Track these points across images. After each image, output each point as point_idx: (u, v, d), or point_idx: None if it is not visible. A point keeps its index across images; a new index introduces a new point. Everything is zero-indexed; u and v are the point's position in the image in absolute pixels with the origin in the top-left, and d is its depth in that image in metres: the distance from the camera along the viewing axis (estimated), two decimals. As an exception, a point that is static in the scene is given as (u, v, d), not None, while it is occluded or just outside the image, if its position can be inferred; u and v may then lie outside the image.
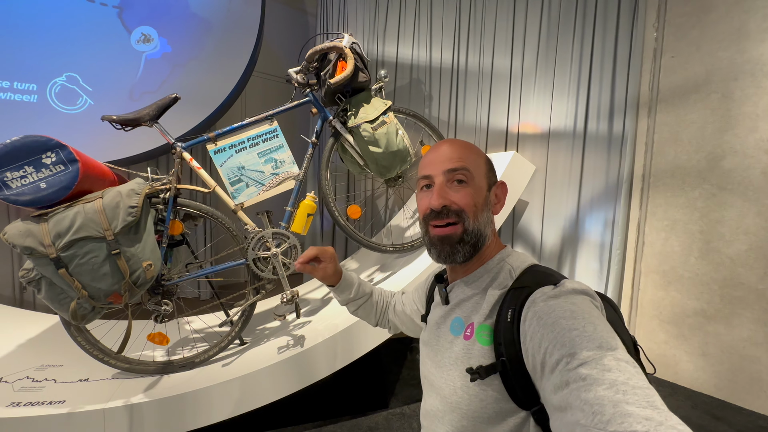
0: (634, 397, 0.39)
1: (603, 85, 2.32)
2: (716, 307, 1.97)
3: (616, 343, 0.46)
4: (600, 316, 0.51)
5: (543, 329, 0.50)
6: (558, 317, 0.50)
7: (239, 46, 2.36)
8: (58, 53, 1.99)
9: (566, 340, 0.47)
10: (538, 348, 0.50)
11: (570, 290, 0.55)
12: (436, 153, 0.70)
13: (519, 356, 0.55)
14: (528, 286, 0.59)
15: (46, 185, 1.20)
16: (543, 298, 0.55)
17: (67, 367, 1.58)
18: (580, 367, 0.43)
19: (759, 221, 1.82)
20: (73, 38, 2.04)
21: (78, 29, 2.05)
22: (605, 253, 2.33)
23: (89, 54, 2.06)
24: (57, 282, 1.22)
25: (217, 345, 1.62)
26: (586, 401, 0.41)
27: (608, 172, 2.32)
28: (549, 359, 0.48)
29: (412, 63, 3.08)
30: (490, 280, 0.66)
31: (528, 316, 0.55)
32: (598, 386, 0.41)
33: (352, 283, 0.95)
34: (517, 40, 2.69)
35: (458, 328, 0.66)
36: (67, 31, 2.03)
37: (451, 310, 0.70)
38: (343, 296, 0.95)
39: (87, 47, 2.06)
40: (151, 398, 1.38)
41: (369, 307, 0.98)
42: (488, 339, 0.60)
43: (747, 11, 1.86)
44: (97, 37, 2.09)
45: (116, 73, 2.15)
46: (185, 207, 1.55)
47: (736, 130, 1.89)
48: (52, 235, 1.18)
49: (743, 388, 1.87)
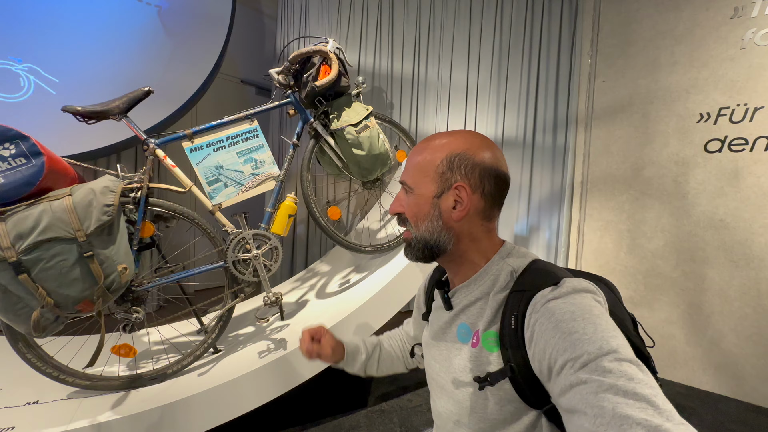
0: (633, 399, 0.39)
1: (548, 102, 2.63)
2: (641, 294, 2.32)
3: (616, 343, 0.46)
4: (601, 313, 0.51)
5: (545, 334, 0.51)
6: (558, 321, 0.50)
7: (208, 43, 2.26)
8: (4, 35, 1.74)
9: (567, 344, 0.47)
10: (543, 353, 0.51)
11: (570, 290, 0.54)
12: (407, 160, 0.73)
13: (526, 360, 0.55)
14: (528, 289, 0.59)
15: (3, 180, 1.06)
16: (543, 302, 0.55)
17: (7, 390, 1.37)
18: (582, 371, 0.44)
19: (671, 220, 2.19)
20: (22, 19, 1.79)
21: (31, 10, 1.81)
22: (552, 252, 2.61)
23: (34, 36, 1.83)
24: (13, 289, 1.07)
25: (192, 354, 1.53)
26: (588, 404, 0.42)
27: (553, 180, 2.62)
28: (554, 364, 0.49)
29: (374, 71, 3.17)
30: (491, 283, 0.65)
31: (530, 322, 0.55)
32: (598, 389, 0.42)
33: (357, 345, 0.92)
34: (473, 56, 2.92)
35: (465, 335, 0.66)
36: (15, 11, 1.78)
37: (456, 316, 0.69)
38: (358, 361, 0.90)
39: (30, 27, 1.82)
40: (121, 414, 1.26)
41: (387, 357, 0.95)
42: (495, 345, 0.60)
43: (658, 47, 2.25)
44: (39, 17, 1.86)
45: (63, 59, 1.93)
46: (157, 207, 1.45)
47: (653, 144, 2.26)
48: (12, 236, 1.04)
49: (663, 362, 2.22)
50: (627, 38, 2.37)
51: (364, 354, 0.91)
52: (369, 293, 1.72)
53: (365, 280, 1.90)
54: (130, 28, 2.10)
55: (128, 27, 2.10)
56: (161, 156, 1.46)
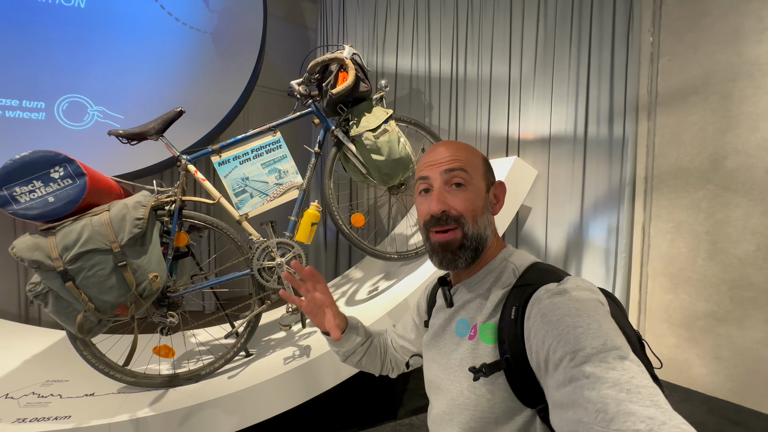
0: (637, 396, 0.39)
1: (602, 90, 2.34)
2: (727, 309, 1.94)
3: (620, 342, 0.46)
4: (605, 313, 0.51)
5: (547, 326, 0.50)
6: (563, 314, 0.50)
7: (242, 61, 2.41)
8: (66, 71, 2.05)
9: (571, 337, 0.47)
10: (542, 345, 0.50)
11: (574, 287, 0.54)
12: (433, 154, 0.69)
13: (523, 353, 0.54)
14: (532, 283, 0.59)
15: (54, 199, 1.21)
16: (548, 296, 0.54)
17: (72, 382, 1.57)
18: (584, 365, 0.43)
19: (765, 221, 1.80)
20: (82, 56, 2.09)
21: (86, 47, 2.11)
22: (611, 257, 2.31)
23: (96, 72, 2.12)
24: (64, 295, 1.22)
25: (223, 357, 1.61)
26: (589, 399, 0.41)
27: (610, 176, 2.32)
28: (553, 356, 0.48)
29: (412, 73, 3.12)
30: (493, 280, 0.66)
31: (532, 313, 0.54)
32: (601, 384, 0.41)
33: (357, 324, 0.88)
34: (515, 47, 2.72)
35: (463, 330, 0.66)
36: (76, 48, 2.09)
37: (456, 312, 0.69)
38: (351, 341, 0.86)
39: (94, 65, 2.11)
40: (156, 412, 1.36)
41: (374, 352, 0.91)
42: (492, 337, 0.60)
43: (742, 14, 1.88)
44: (105, 56, 2.14)
45: (122, 91, 2.19)
46: (190, 218, 1.56)
47: (738, 130, 1.89)
48: (60, 248, 1.19)
49: (760, 392, 1.83)
50: (699, 7, 2.02)
51: (360, 335, 0.87)
52: (393, 302, 1.67)
53: (392, 288, 1.85)
54: (180, 54, 2.33)
55: (180, 53, 2.32)
56: (192, 170, 1.57)
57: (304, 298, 0.84)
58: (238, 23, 2.45)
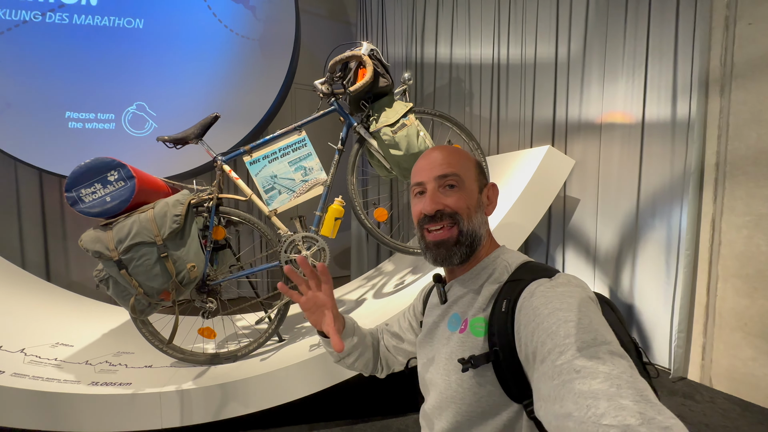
0: (628, 391, 0.39)
1: (663, 64, 2.05)
2: (820, 320, 1.62)
3: (611, 337, 0.46)
4: (596, 310, 0.51)
5: (538, 318, 0.51)
6: (554, 308, 0.50)
7: (276, 65, 2.55)
8: (129, 85, 2.36)
9: (561, 330, 0.47)
10: (531, 337, 0.50)
11: (566, 282, 0.55)
12: (426, 160, 0.72)
13: (512, 346, 0.55)
14: (524, 278, 0.60)
15: (110, 199, 1.42)
16: (540, 290, 0.55)
17: (137, 355, 1.83)
18: (575, 359, 0.43)
19: None
20: (141, 69, 2.39)
21: (145, 61, 2.41)
22: (672, 254, 2.04)
23: (153, 83, 2.41)
24: (120, 281, 1.43)
25: (256, 341, 1.75)
26: (580, 394, 0.40)
27: (673, 163, 2.04)
28: (542, 348, 0.48)
29: (452, 62, 3.04)
30: (486, 276, 0.67)
31: (524, 306, 0.55)
32: (592, 379, 0.41)
33: (353, 324, 0.86)
34: (563, 25, 2.50)
35: (455, 324, 0.67)
36: (136, 63, 2.39)
37: (449, 308, 0.71)
38: (348, 343, 0.83)
39: (151, 77, 2.41)
40: (198, 386, 1.54)
41: (367, 352, 0.88)
42: (482, 330, 0.61)
43: None
44: (157, 67, 2.43)
45: (175, 99, 2.47)
46: (227, 214, 1.71)
47: (841, 103, 1.54)
48: (115, 240, 1.39)
49: None
50: (790, -45, 1.67)
51: (356, 337, 0.85)
52: (412, 297, 1.67)
53: (416, 282, 1.85)
54: (230, 62, 2.54)
55: (230, 60, 2.54)
56: (227, 170, 1.72)
57: (305, 295, 0.80)
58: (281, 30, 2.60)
